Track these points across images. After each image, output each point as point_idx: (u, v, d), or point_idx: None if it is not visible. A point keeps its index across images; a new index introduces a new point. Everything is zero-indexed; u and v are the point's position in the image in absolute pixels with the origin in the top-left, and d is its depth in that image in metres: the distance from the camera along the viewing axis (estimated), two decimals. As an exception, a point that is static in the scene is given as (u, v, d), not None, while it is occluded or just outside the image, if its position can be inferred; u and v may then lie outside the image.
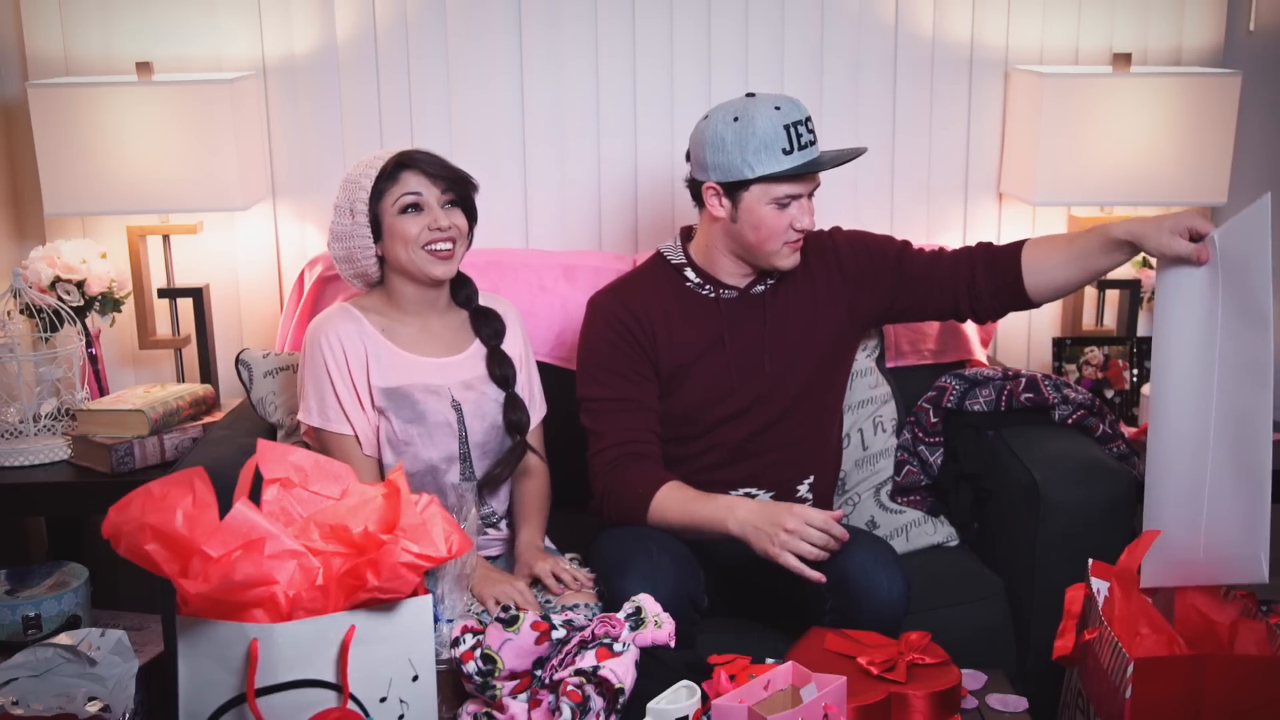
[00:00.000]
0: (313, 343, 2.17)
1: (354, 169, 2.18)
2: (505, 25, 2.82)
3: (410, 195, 2.13)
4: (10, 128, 2.87)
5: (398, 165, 2.15)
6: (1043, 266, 2.18)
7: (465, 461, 2.21)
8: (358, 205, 2.14)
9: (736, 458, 2.25)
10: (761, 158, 2.09)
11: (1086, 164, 2.69)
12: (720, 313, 2.25)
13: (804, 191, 2.16)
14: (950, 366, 2.66)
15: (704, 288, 2.26)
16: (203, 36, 2.80)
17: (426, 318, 2.22)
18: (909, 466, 2.48)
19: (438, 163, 2.17)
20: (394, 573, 1.54)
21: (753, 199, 2.14)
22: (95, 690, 1.70)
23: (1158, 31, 2.89)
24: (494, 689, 1.68)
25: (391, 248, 2.15)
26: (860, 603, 1.99)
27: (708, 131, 2.15)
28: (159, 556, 1.51)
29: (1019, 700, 1.87)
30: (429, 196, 2.14)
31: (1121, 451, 2.41)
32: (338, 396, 2.14)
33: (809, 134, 2.13)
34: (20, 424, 2.58)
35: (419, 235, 2.13)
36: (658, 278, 2.29)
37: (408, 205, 2.13)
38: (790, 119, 2.11)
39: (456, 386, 2.20)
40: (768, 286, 2.27)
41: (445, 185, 2.16)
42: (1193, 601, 1.84)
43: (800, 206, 2.16)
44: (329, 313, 2.21)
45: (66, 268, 2.69)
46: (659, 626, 1.79)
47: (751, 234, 2.17)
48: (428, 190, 2.14)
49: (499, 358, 2.25)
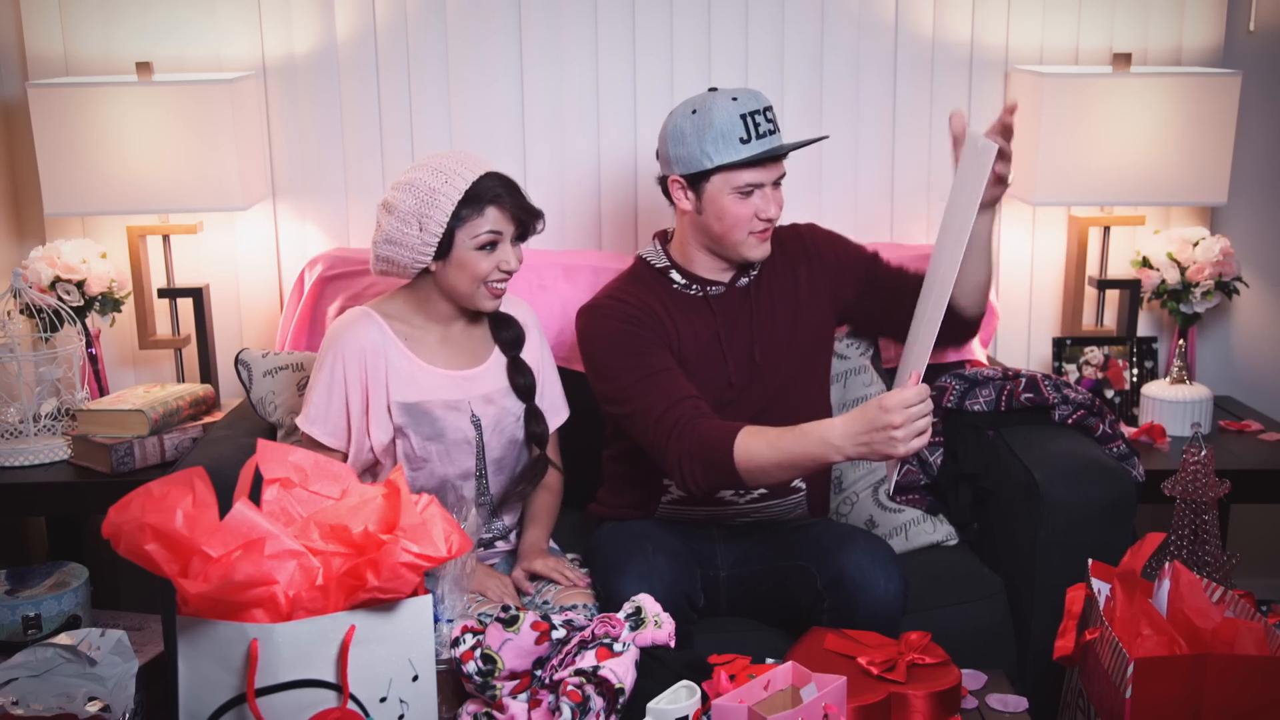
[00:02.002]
0: (331, 349, 2.10)
1: (429, 175, 2.05)
2: (505, 25, 2.82)
3: (490, 233, 2.06)
4: (10, 128, 2.88)
5: (487, 199, 2.06)
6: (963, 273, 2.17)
7: (481, 479, 2.19)
8: (430, 224, 2.04)
9: None
10: (719, 147, 2.11)
11: (1086, 164, 2.69)
12: (712, 311, 2.25)
13: (766, 180, 2.15)
14: (950, 366, 2.66)
15: (691, 288, 2.25)
16: (203, 36, 2.80)
17: (449, 326, 2.18)
18: (907, 466, 2.48)
19: (523, 205, 2.09)
20: (394, 573, 1.54)
21: (715, 189, 2.14)
22: (95, 690, 1.70)
23: (1158, 31, 2.89)
24: (494, 689, 1.68)
25: (452, 273, 2.08)
26: (858, 602, 2.00)
27: (669, 126, 2.17)
28: (159, 556, 1.51)
29: (1019, 700, 1.87)
30: (505, 234, 2.09)
31: (1121, 451, 2.41)
32: (348, 409, 2.10)
33: (767, 123, 2.14)
34: (20, 424, 2.58)
35: (489, 273, 2.08)
36: (645, 282, 2.27)
37: (486, 244, 2.07)
38: (747, 108, 2.12)
39: (477, 400, 2.16)
40: (751, 279, 2.28)
41: (519, 225, 2.10)
42: (1190, 602, 1.84)
43: (764, 196, 2.16)
44: (352, 318, 2.12)
45: (66, 268, 2.69)
46: (659, 626, 1.79)
47: (717, 224, 2.16)
48: (505, 229, 2.08)
49: (520, 367, 2.21)
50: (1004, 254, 2.99)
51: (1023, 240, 2.99)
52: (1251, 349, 3.01)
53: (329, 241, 2.90)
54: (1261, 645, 1.72)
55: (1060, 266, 2.99)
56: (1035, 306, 3.02)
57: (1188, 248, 2.81)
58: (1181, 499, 2.08)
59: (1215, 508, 2.08)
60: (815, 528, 2.21)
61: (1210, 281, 2.77)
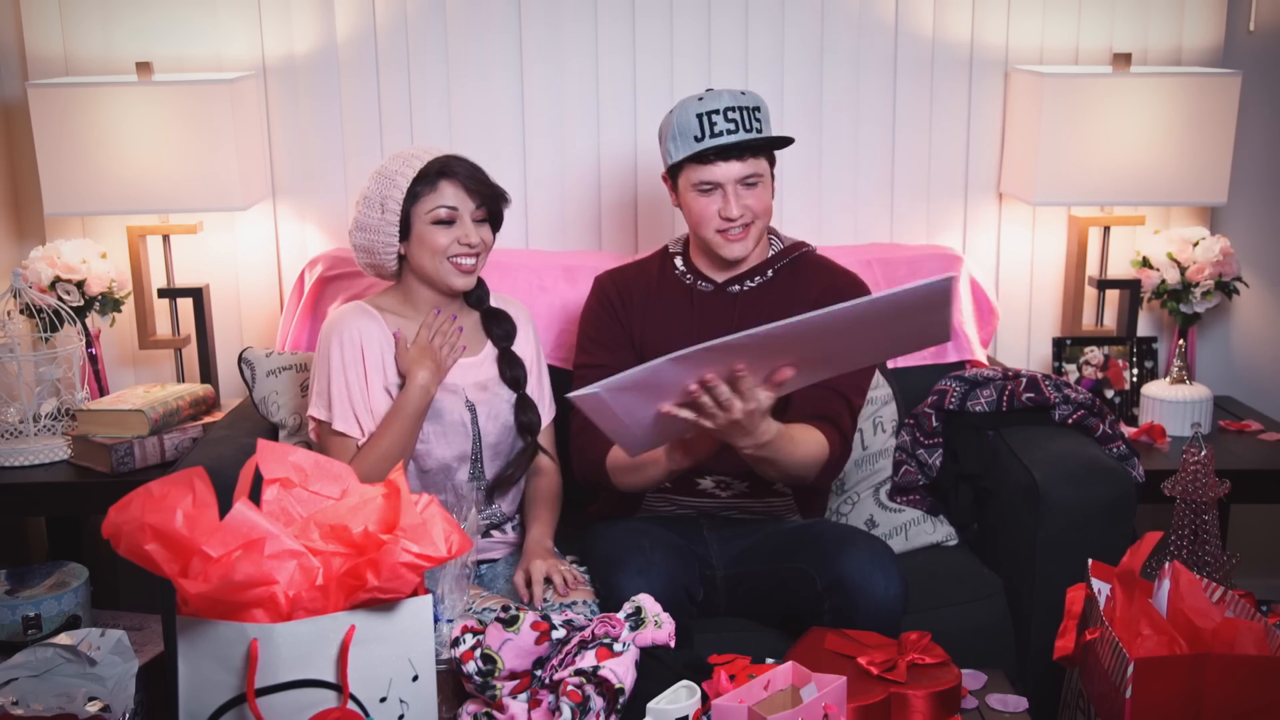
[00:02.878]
0: (327, 338, 2.17)
1: (390, 162, 2.16)
2: (505, 25, 2.82)
3: (446, 209, 2.13)
4: (10, 128, 2.88)
5: (439, 173, 2.13)
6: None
7: (476, 462, 2.21)
8: (389, 203, 2.13)
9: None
10: (677, 144, 2.18)
11: (1086, 164, 2.69)
12: (692, 303, 2.29)
13: (724, 179, 2.17)
14: (950, 367, 2.66)
15: (686, 276, 2.32)
16: (203, 36, 2.80)
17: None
18: (907, 467, 2.48)
19: (478, 177, 2.16)
20: (394, 573, 1.54)
21: (683, 186, 2.22)
22: (95, 690, 1.70)
23: (1158, 31, 2.89)
24: (494, 689, 1.68)
25: (416, 252, 2.15)
26: (858, 602, 2.00)
27: (660, 125, 2.26)
28: (159, 556, 1.51)
29: (1019, 700, 1.87)
30: (463, 210, 2.14)
31: (1121, 451, 2.41)
32: (349, 393, 2.14)
33: (726, 122, 2.15)
34: (20, 424, 2.58)
35: (448, 247, 2.13)
36: (654, 264, 2.38)
37: (442, 218, 2.13)
38: (707, 108, 2.16)
39: (471, 388, 2.21)
40: (744, 288, 2.29)
41: (480, 200, 2.15)
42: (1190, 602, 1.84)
43: (725, 195, 2.18)
44: (346, 309, 2.21)
45: (66, 268, 2.69)
46: (659, 626, 1.79)
47: (689, 219, 2.25)
48: (463, 204, 2.14)
49: (510, 359, 2.27)
50: (1004, 254, 2.99)
51: (1023, 240, 2.99)
52: (1251, 349, 3.01)
53: (329, 241, 2.90)
54: (1261, 645, 1.72)
55: (1060, 266, 2.99)
56: (1035, 306, 3.02)
57: (1188, 248, 2.81)
58: (1181, 499, 2.08)
59: (1215, 508, 2.08)
60: (814, 529, 2.21)
61: (1210, 281, 2.77)
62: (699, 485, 2.27)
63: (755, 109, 2.17)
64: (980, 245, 2.99)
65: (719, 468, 2.26)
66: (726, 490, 2.27)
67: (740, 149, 2.15)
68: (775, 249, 2.33)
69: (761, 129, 2.17)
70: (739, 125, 2.15)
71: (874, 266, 2.69)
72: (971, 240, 2.98)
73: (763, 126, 2.18)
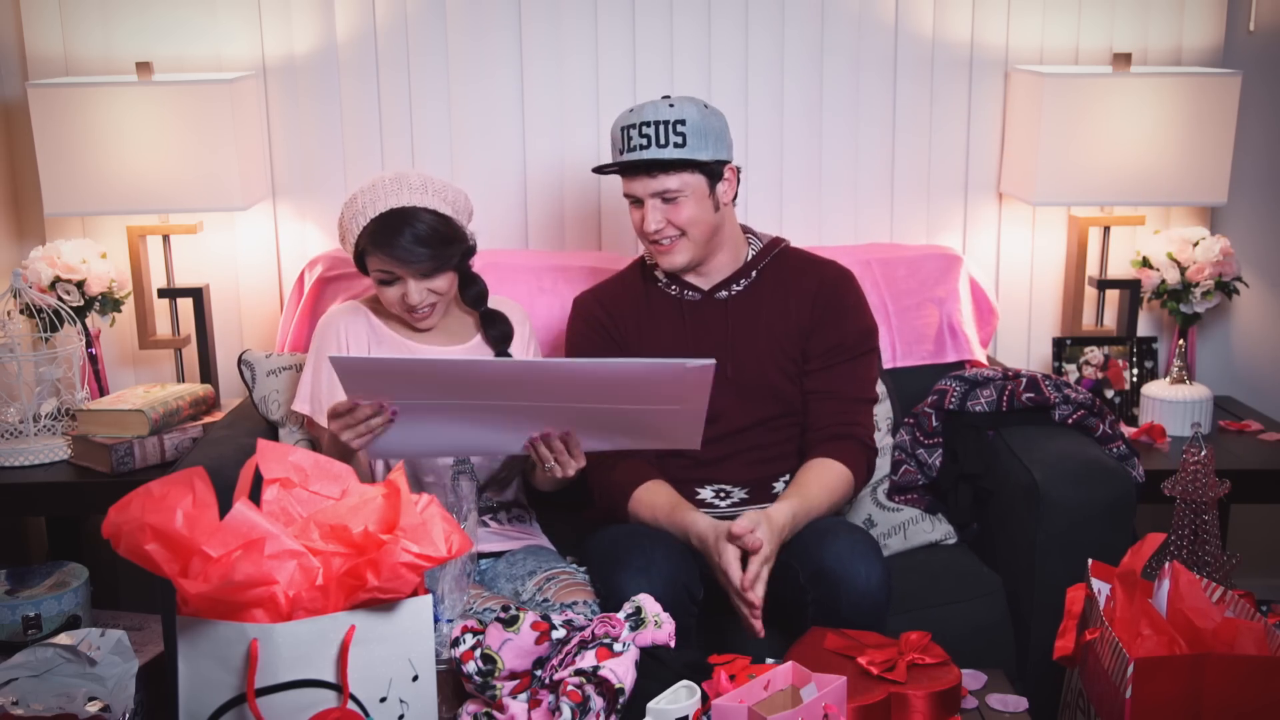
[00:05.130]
0: (319, 336, 2.23)
1: (360, 194, 2.14)
2: (505, 25, 2.82)
3: (385, 272, 2.13)
4: (10, 128, 2.88)
5: (370, 242, 2.10)
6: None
7: (466, 461, 2.21)
8: (348, 243, 2.18)
9: (708, 457, 2.23)
10: (606, 157, 2.19)
11: (1086, 164, 2.69)
12: (683, 314, 2.28)
13: (639, 193, 2.17)
14: (950, 367, 2.66)
15: (670, 288, 2.31)
16: (203, 36, 2.80)
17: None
18: (906, 466, 2.48)
19: (418, 250, 2.07)
20: (394, 573, 1.54)
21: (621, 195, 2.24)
22: (95, 690, 1.69)
23: (1158, 31, 2.89)
24: (494, 689, 1.68)
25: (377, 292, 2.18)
26: (840, 593, 2.00)
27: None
28: (159, 556, 1.51)
29: (1019, 700, 1.87)
30: (404, 274, 2.12)
31: (1121, 452, 2.41)
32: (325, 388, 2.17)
33: (640, 138, 2.14)
34: (20, 424, 2.58)
35: (394, 303, 2.16)
36: (634, 278, 2.36)
37: (384, 279, 2.14)
38: (628, 122, 2.16)
39: None
40: (732, 293, 2.29)
41: (422, 272, 2.11)
42: (1190, 602, 1.84)
43: (643, 209, 2.18)
44: (339, 308, 2.27)
45: (66, 268, 2.69)
46: (659, 626, 1.79)
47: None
48: (401, 269, 2.11)
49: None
50: (1004, 254, 2.99)
51: (1023, 240, 2.99)
52: (1251, 349, 3.01)
53: (329, 242, 2.89)
54: (1261, 645, 1.72)
55: (1060, 266, 2.99)
56: (1035, 306, 3.02)
57: (1188, 248, 2.81)
58: (1181, 499, 2.08)
59: (1215, 508, 2.08)
60: None
61: (1210, 281, 2.77)
62: (698, 495, 2.26)
63: (679, 123, 2.12)
64: (980, 245, 2.99)
65: (718, 477, 2.27)
66: (725, 499, 2.27)
67: (650, 165, 2.13)
68: (755, 249, 2.32)
69: (684, 143, 2.12)
70: (652, 141, 2.13)
71: (874, 266, 2.69)
72: (971, 240, 2.99)
73: (685, 141, 2.12)
